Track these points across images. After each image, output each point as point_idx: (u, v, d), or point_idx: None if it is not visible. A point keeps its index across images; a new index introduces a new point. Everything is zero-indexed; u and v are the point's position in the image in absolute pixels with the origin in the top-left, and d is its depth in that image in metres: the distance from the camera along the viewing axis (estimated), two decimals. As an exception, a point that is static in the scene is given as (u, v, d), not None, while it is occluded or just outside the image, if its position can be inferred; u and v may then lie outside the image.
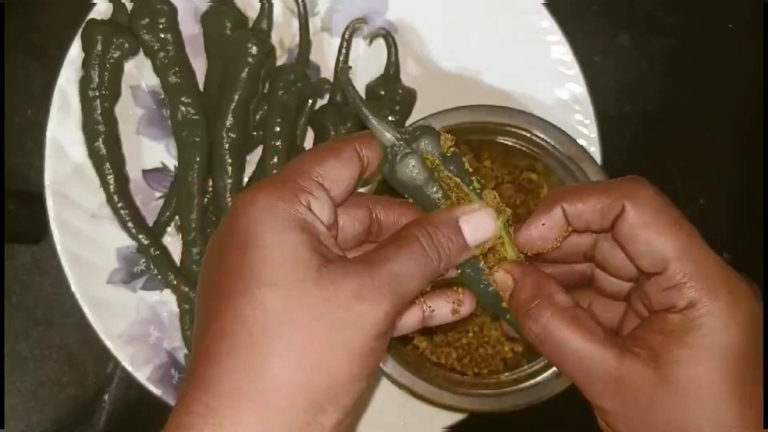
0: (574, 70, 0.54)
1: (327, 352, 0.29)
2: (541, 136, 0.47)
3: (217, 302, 0.31)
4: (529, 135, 0.48)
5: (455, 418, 0.52)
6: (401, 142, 0.35)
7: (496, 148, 0.50)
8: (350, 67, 0.38)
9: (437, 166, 0.35)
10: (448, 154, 0.35)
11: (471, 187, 0.35)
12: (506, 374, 0.49)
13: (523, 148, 0.49)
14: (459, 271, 0.36)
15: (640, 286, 0.34)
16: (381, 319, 0.30)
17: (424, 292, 0.36)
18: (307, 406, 0.29)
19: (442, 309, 0.38)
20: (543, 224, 0.35)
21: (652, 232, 0.32)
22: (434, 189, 0.35)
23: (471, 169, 0.36)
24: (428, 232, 0.33)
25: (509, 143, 0.49)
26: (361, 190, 0.47)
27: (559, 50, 0.54)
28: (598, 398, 0.32)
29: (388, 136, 0.35)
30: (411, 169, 0.35)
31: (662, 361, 0.30)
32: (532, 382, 0.46)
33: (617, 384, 0.31)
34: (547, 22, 0.54)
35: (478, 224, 0.35)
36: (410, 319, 0.37)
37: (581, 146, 0.48)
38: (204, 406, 0.29)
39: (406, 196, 0.36)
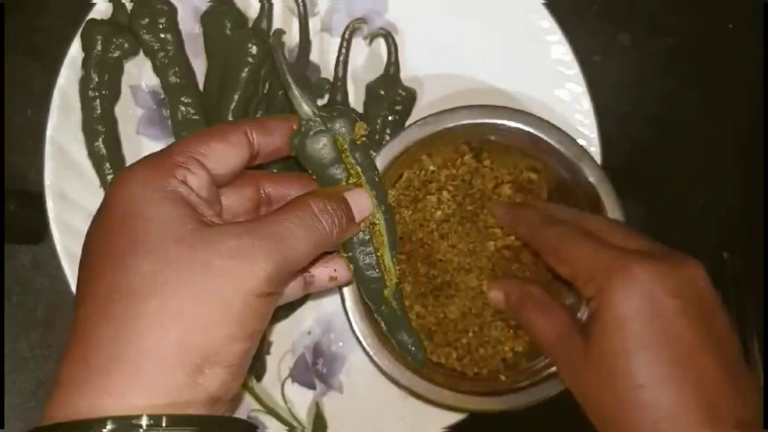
0: (574, 70, 0.54)
1: (201, 313, 0.29)
2: (541, 136, 0.47)
3: (92, 273, 0.31)
4: (529, 135, 0.48)
5: (455, 418, 0.52)
6: (317, 119, 0.36)
7: (496, 148, 0.50)
8: (284, 32, 0.40)
9: (345, 150, 0.36)
10: (358, 142, 0.36)
11: (368, 177, 0.38)
12: (506, 374, 0.49)
13: (524, 148, 0.49)
14: (348, 254, 0.39)
15: None
16: (261, 279, 0.30)
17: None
18: (184, 367, 0.29)
19: (321, 276, 0.39)
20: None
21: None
22: (338, 170, 0.37)
23: (376, 165, 0.38)
24: (320, 199, 0.34)
25: (509, 143, 0.49)
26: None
27: (559, 50, 0.54)
28: (556, 361, 0.40)
29: (306, 109, 0.36)
30: (321, 147, 0.36)
31: (589, 337, 0.36)
32: (531, 381, 0.46)
33: (569, 354, 0.38)
34: (547, 22, 0.54)
35: (360, 200, 0.38)
36: (292, 286, 0.38)
37: (581, 146, 0.48)
38: (81, 381, 0.29)
39: (309, 171, 0.37)
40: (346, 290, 0.45)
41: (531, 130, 0.47)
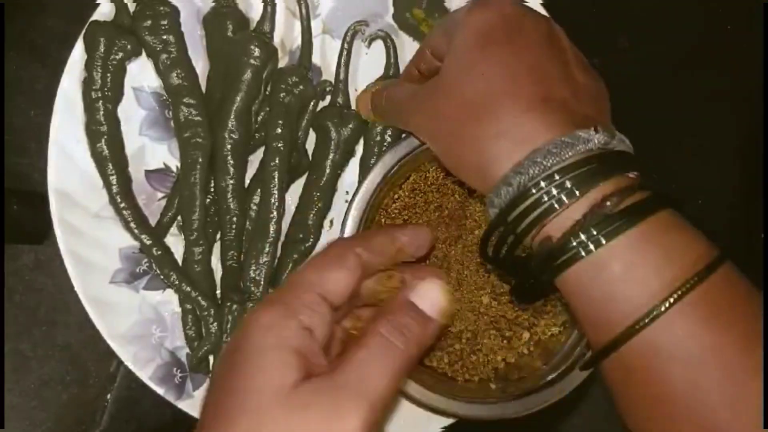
0: (574, 71, 0.54)
1: None
2: None
3: (212, 421, 0.31)
4: None
5: (452, 418, 0.52)
6: None
7: None
8: None
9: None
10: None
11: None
12: (496, 383, 0.49)
13: None
14: None
15: None
16: (357, 430, 0.29)
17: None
18: None
19: None
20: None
21: None
22: None
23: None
24: (387, 321, 0.32)
25: None
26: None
27: (560, 51, 0.54)
28: (417, 117, 0.40)
29: None
30: None
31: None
32: (521, 392, 0.46)
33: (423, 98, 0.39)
34: (547, 24, 0.54)
35: (429, 293, 0.34)
36: None
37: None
38: None
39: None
40: None
41: None
